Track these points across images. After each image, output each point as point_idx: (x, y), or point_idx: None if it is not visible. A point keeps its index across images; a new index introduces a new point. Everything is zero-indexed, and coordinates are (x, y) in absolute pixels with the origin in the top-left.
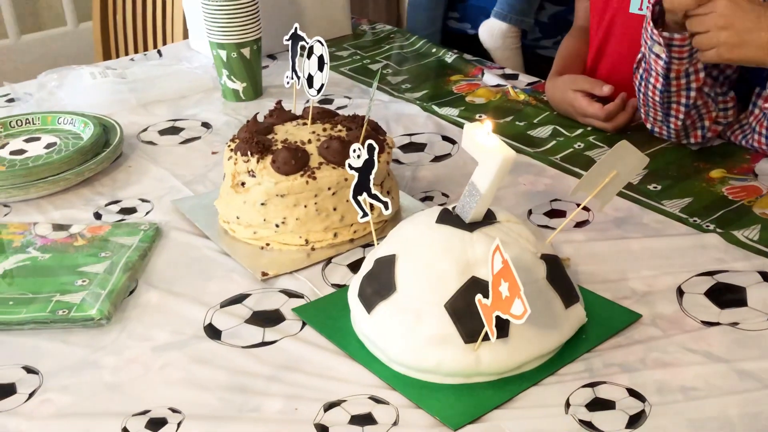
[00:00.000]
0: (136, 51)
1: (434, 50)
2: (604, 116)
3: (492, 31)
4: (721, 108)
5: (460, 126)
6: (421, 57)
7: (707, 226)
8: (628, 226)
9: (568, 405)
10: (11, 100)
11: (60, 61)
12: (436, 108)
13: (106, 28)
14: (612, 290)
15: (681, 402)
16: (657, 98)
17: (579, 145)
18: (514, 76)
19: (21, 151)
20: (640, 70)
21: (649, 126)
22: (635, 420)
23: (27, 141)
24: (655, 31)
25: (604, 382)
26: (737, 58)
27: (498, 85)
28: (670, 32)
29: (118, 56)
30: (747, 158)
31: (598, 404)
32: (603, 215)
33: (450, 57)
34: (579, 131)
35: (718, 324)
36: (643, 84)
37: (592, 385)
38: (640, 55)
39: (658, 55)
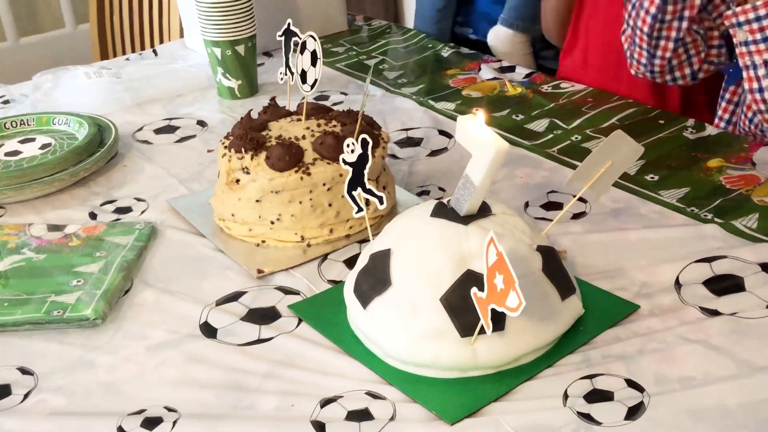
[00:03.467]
0: (133, 51)
1: (431, 45)
2: None
3: (500, 38)
4: (711, 45)
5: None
6: (417, 52)
7: (705, 215)
8: (626, 217)
9: (566, 397)
10: (6, 102)
11: (59, 63)
12: (432, 102)
13: (104, 29)
14: (610, 282)
15: (679, 392)
16: (646, 29)
17: (576, 138)
18: (511, 69)
19: (16, 152)
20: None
21: (633, 71)
22: (634, 411)
23: (22, 142)
24: None
25: (602, 374)
26: None
27: (495, 79)
28: None
29: (115, 57)
30: (745, 147)
31: (597, 395)
32: (600, 207)
33: (446, 52)
34: (576, 124)
35: (717, 314)
36: (633, 13)
37: (590, 376)
38: None
39: None
